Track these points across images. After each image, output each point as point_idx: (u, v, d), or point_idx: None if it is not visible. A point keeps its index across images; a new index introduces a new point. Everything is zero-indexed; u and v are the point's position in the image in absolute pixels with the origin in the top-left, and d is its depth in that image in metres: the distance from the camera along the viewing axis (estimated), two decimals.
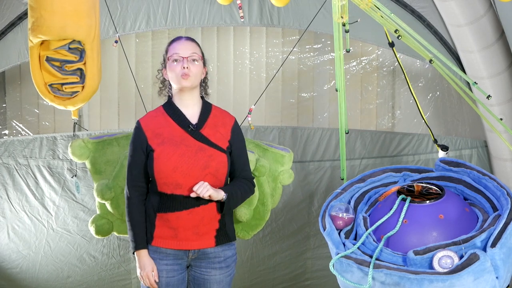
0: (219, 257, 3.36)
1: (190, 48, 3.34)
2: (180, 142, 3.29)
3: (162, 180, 3.27)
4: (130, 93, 6.11)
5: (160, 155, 3.27)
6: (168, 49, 3.38)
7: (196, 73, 3.33)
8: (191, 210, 3.26)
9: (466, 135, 6.16)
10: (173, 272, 3.32)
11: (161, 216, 3.30)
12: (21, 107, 6.05)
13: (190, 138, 3.30)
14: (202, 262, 3.36)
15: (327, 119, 6.37)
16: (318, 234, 5.77)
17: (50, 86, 3.79)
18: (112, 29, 5.27)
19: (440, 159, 3.54)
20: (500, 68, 5.43)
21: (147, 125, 3.35)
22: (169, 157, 3.25)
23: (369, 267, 2.99)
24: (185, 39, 3.38)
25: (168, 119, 3.34)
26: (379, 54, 6.35)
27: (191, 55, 3.31)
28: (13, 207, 5.59)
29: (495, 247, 2.91)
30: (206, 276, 3.37)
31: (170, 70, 3.34)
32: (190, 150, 3.27)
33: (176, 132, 3.31)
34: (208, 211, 3.29)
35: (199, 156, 3.26)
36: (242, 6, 5.31)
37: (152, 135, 3.31)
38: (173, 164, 3.24)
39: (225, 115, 3.43)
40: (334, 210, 3.39)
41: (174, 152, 3.26)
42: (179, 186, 3.25)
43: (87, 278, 5.75)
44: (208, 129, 3.33)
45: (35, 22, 3.61)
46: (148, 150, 3.31)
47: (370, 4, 4.04)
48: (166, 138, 3.30)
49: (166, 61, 3.37)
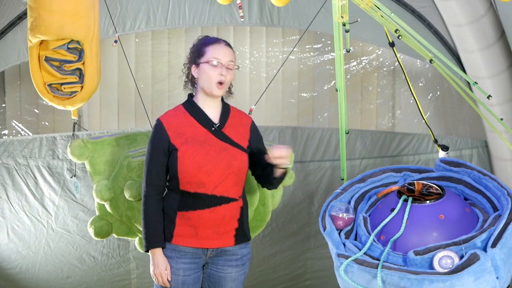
0: (236, 255, 3.36)
1: (229, 55, 3.29)
2: (204, 141, 3.28)
3: (186, 179, 3.26)
4: (130, 93, 6.11)
5: (185, 155, 3.25)
6: (205, 50, 3.30)
7: (229, 81, 3.31)
8: (213, 209, 3.26)
9: (467, 135, 6.16)
10: (190, 271, 3.32)
11: (182, 215, 3.28)
12: (20, 107, 6.05)
13: (213, 137, 3.29)
14: (220, 259, 3.36)
15: (327, 119, 6.37)
16: (318, 234, 5.77)
17: (49, 86, 3.80)
18: (112, 29, 5.27)
19: (441, 159, 3.53)
20: (501, 68, 5.43)
21: (169, 124, 3.31)
22: (194, 157, 3.24)
23: (377, 269, 2.99)
24: (225, 44, 3.33)
25: (190, 119, 3.32)
26: (379, 54, 6.34)
27: (229, 63, 3.28)
28: (12, 207, 5.59)
29: (496, 247, 2.90)
30: (222, 274, 3.37)
31: (205, 73, 3.28)
32: (213, 149, 3.27)
33: (199, 131, 3.30)
34: (229, 210, 3.30)
35: (222, 156, 3.26)
36: (242, 6, 5.31)
37: (175, 134, 3.29)
38: (197, 164, 3.24)
39: (242, 115, 3.44)
40: (334, 210, 3.39)
41: (198, 151, 3.25)
42: (202, 185, 3.25)
43: (86, 278, 5.75)
44: (229, 129, 3.33)
45: (34, 22, 3.61)
46: (171, 149, 3.28)
47: (370, 4, 4.03)
48: (189, 137, 3.28)
49: (200, 60, 3.29)
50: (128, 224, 3.92)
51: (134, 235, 4.00)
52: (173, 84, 6.24)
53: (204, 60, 3.28)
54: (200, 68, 3.29)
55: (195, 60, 3.32)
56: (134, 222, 3.87)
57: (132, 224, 3.89)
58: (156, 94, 6.17)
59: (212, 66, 3.26)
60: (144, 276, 5.77)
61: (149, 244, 3.28)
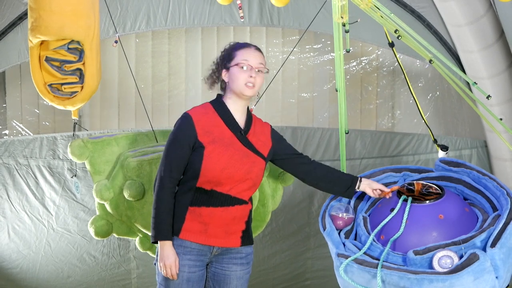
0: (241, 253, 3.37)
1: (259, 59, 3.33)
2: (229, 144, 3.29)
3: (207, 178, 3.26)
4: (130, 93, 6.11)
5: (211, 154, 3.25)
6: (235, 54, 3.34)
7: (260, 84, 3.33)
8: (225, 208, 3.27)
9: (466, 135, 6.16)
10: (195, 268, 3.31)
11: (193, 210, 3.28)
12: (21, 107, 6.05)
13: (238, 142, 3.31)
14: (224, 258, 3.36)
15: (327, 119, 6.37)
16: (318, 234, 5.77)
17: (49, 86, 3.80)
18: (112, 29, 5.28)
19: (440, 159, 3.54)
20: (500, 68, 5.43)
21: (198, 120, 3.30)
22: (220, 157, 3.25)
23: (377, 268, 2.99)
24: (255, 48, 3.37)
25: (218, 119, 3.33)
26: (379, 54, 6.35)
27: (259, 66, 3.31)
28: (13, 207, 5.59)
29: (495, 247, 2.91)
30: (227, 272, 3.37)
31: (236, 76, 3.30)
32: (238, 153, 3.28)
33: (225, 134, 3.30)
34: (240, 212, 3.31)
35: (244, 161, 3.28)
36: (242, 6, 5.31)
37: (203, 132, 3.28)
38: (222, 165, 3.24)
39: (263, 124, 3.48)
40: (334, 210, 3.40)
41: (224, 153, 3.26)
42: (220, 184, 3.26)
43: (87, 278, 5.75)
44: (252, 136, 3.36)
45: (34, 22, 3.61)
46: (197, 146, 3.27)
47: (370, 4, 4.03)
48: (216, 137, 3.28)
49: (230, 64, 3.32)
50: (128, 224, 3.93)
51: (135, 235, 4.01)
52: (173, 84, 6.25)
53: (234, 63, 3.31)
54: (230, 72, 3.32)
55: (225, 65, 3.35)
56: (134, 221, 3.87)
57: (132, 223, 3.90)
58: (156, 94, 6.17)
59: (241, 68, 3.29)
60: (144, 276, 5.77)
61: (159, 235, 3.25)
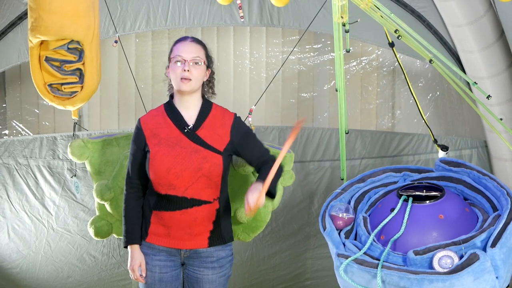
0: (212, 257, 3.37)
1: (193, 51, 3.31)
2: (176, 143, 3.29)
3: (156, 180, 3.30)
4: (130, 93, 6.10)
5: (155, 156, 3.28)
6: (172, 49, 3.36)
7: (197, 76, 3.30)
8: (183, 211, 3.29)
9: (466, 135, 6.15)
10: (166, 268, 3.35)
11: (156, 214, 3.33)
12: (21, 107, 6.05)
13: (186, 139, 3.29)
14: (195, 261, 3.38)
15: (327, 119, 6.36)
16: (318, 234, 5.77)
17: (49, 86, 3.80)
18: (112, 29, 5.28)
19: (440, 159, 3.54)
20: (500, 68, 5.43)
21: (146, 124, 3.36)
22: (163, 158, 3.27)
23: (377, 268, 2.99)
24: (190, 40, 3.36)
25: (167, 119, 3.35)
26: (379, 54, 6.34)
27: (193, 58, 3.30)
28: (13, 207, 5.59)
29: (495, 247, 2.91)
30: (199, 275, 3.38)
31: (172, 71, 3.32)
32: (184, 151, 3.27)
33: (173, 133, 3.31)
34: (201, 212, 3.31)
35: (192, 158, 3.26)
36: (242, 6, 5.31)
37: (150, 135, 3.33)
38: (166, 165, 3.26)
39: (225, 114, 3.40)
40: (334, 210, 3.40)
41: (168, 153, 3.27)
42: (172, 187, 3.27)
43: (87, 278, 5.75)
44: (204, 131, 3.32)
45: (34, 22, 3.61)
46: (146, 150, 3.33)
47: (370, 4, 4.04)
48: (163, 139, 3.31)
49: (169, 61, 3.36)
50: None
51: None
52: None
53: (171, 59, 3.33)
54: (170, 68, 3.34)
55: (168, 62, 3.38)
56: None
57: None
58: (156, 94, 6.16)
59: (176, 62, 3.29)
60: None
61: (127, 240, 3.36)
